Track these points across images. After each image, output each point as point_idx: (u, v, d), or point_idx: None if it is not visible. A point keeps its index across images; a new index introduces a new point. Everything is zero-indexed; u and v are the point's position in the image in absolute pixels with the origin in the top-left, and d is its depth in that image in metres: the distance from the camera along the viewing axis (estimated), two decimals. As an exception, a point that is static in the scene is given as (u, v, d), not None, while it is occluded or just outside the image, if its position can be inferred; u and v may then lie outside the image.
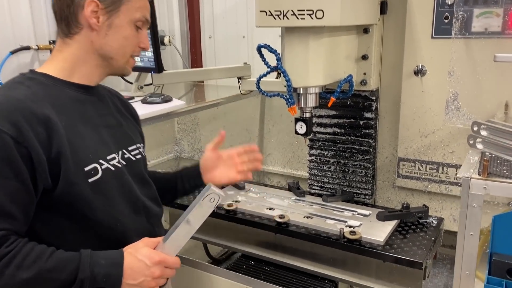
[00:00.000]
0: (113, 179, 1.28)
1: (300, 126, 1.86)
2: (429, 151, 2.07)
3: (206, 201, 1.18)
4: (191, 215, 1.19)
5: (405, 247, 1.66)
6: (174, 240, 1.21)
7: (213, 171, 1.67)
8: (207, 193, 1.17)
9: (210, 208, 1.20)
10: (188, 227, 1.20)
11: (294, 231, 1.80)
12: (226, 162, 1.68)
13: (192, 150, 3.36)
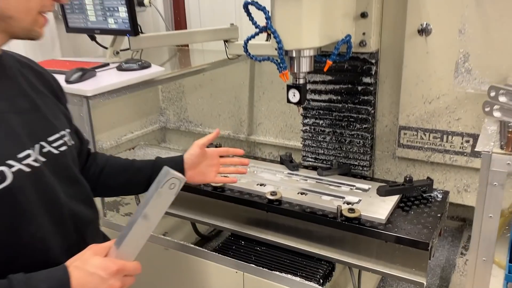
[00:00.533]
0: (29, 184, 0.98)
1: (293, 94, 1.68)
2: (433, 119, 1.90)
3: (165, 189, 0.96)
4: (149, 208, 0.97)
5: (409, 225, 1.51)
6: (130, 241, 0.98)
7: (196, 169, 1.48)
8: (166, 179, 0.96)
9: (170, 196, 0.99)
10: (146, 223, 0.98)
11: (287, 209, 1.65)
12: (207, 161, 1.50)
13: (178, 120, 3.17)
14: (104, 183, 1.37)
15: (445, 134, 1.91)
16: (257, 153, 2.90)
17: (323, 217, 1.58)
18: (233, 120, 2.94)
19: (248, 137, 2.88)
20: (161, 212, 1.01)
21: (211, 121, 3.03)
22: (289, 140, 2.75)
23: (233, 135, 2.93)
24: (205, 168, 1.49)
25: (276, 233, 1.73)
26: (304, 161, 2.24)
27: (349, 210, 1.55)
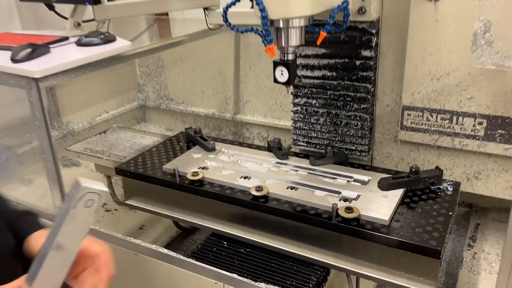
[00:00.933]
0: None
1: (280, 72, 1.42)
2: (442, 98, 1.66)
3: (80, 209, 0.74)
4: (62, 236, 0.75)
5: (416, 226, 1.29)
6: (45, 278, 0.77)
7: None
8: (79, 196, 0.73)
9: (89, 216, 0.76)
10: (62, 253, 0.77)
11: (275, 207, 1.42)
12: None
13: (158, 97, 2.91)
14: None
15: (455, 115, 1.67)
16: (245, 133, 2.66)
17: (316, 218, 1.36)
18: (218, 98, 2.68)
19: (235, 116, 2.63)
20: (80, 237, 0.77)
21: (194, 99, 2.77)
22: (279, 119, 2.51)
23: (218, 114, 2.67)
24: None
25: (263, 232, 1.51)
26: (295, 145, 2.01)
27: (346, 210, 1.32)
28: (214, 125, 2.75)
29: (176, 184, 1.59)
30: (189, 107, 2.80)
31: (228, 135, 2.72)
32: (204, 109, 2.75)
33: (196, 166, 1.67)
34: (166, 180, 1.62)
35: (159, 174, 1.65)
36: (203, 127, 2.80)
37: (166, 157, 1.78)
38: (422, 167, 1.83)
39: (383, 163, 1.92)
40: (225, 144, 1.87)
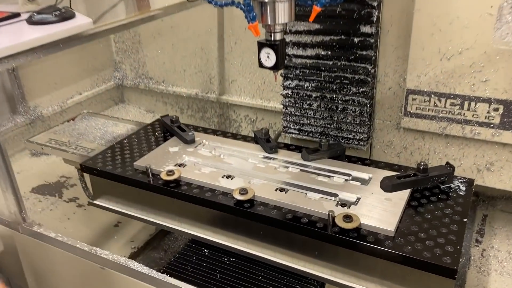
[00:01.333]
0: None
1: (266, 55, 1.20)
2: (452, 80, 1.46)
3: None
4: None
5: (426, 238, 1.10)
6: None
7: None
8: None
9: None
10: None
11: (261, 214, 1.22)
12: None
13: (136, 76, 2.67)
14: None
15: (467, 100, 1.47)
16: (231, 115, 2.44)
17: (309, 227, 1.16)
18: (201, 77, 2.44)
19: (220, 97, 2.40)
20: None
21: (174, 78, 2.53)
22: (269, 101, 2.29)
23: (202, 94, 2.44)
24: None
25: (250, 239, 1.32)
26: (285, 133, 1.80)
27: (345, 218, 1.13)
28: (198, 107, 2.53)
29: (149, 185, 1.39)
30: (170, 87, 2.56)
31: (213, 117, 2.50)
32: (187, 89, 2.51)
33: (172, 162, 1.46)
34: (137, 180, 1.41)
35: (129, 173, 1.44)
36: (186, 109, 2.57)
37: (139, 151, 1.57)
38: (428, 158, 1.64)
39: (383, 152, 1.72)
40: (206, 134, 1.65)
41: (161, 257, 1.69)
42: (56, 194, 2.04)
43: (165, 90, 2.57)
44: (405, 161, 1.69)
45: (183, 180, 1.38)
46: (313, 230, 1.16)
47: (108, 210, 1.55)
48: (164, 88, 2.58)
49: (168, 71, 2.55)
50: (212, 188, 1.34)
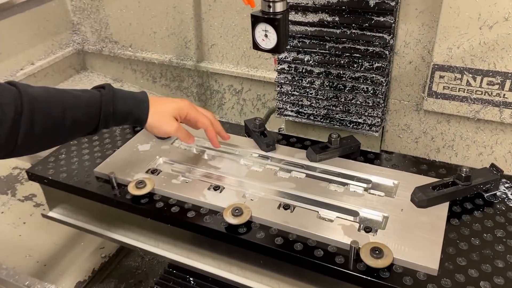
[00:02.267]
0: None
1: (263, 33, 0.87)
2: (493, 54, 1.17)
3: None
4: None
5: (479, 277, 0.85)
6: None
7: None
8: None
9: None
10: None
11: (262, 245, 0.94)
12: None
13: (99, 40, 2.28)
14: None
15: (509, 79, 1.19)
16: (212, 86, 2.10)
17: (325, 264, 0.89)
18: (175, 40, 2.08)
19: (198, 64, 2.05)
20: None
21: (143, 42, 2.16)
22: (256, 69, 1.96)
23: (177, 61, 2.09)
24: None
25: (246, 264, 1.05)
26: (280, 115, 1.49)
27: (373, 252, 0.86)
28: (173, 75, 2.18)
29: (113, 200, 1.08)
30: (138, 52, 2.19)
31: (192, 87, 2.16)
32: (159, 55, 2.15)
33: (142, 167, 1.15)
34: (99, 194, 1.10)
35: (88, 183, 1.13)
36: (159, 78, 2.22)
37: (101, 151, 1.25)
38: (452, 144, 1.37)
39: (398, 137, 1.44)
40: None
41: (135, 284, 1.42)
42: (9, 191, 1.71)
43: (134, 56, 2.20)
44: (424, 147, 1.42)
45: (157, 193, 1.08)
46: (331, 267, 0.89)
47: (66, 225, 1.25)
48: (132, 53, 2.20)
49: (135, 34, 2.17)
50: (196, 205, 1.05)
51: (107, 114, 0.99)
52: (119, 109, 1.00)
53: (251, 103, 2.06)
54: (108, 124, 1.00)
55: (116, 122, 1.02)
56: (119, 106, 1.00)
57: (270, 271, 1.03)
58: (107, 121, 0.99)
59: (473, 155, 1.36)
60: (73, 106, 0.94)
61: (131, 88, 2.29)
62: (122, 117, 1.01)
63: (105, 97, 1.00)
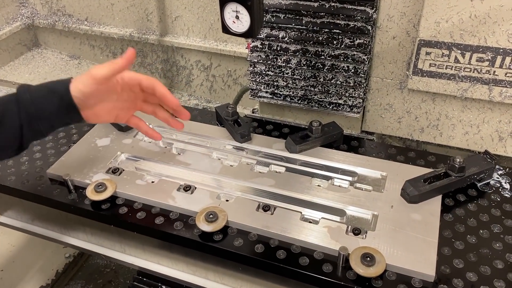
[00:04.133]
0: None
1: (234, 15, 0.75)
2: (483, 29, 1.08)
3: None
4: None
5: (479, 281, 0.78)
6: None
7: (95, 107, 0.91)
8: None
9: None
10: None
11: (240, 254, 0.84)
12: (118, 95, 0.94)
13: (50, 13, 2.07)
14: None
15: (501, 55, 1.10)
16: (178, 61, 1.95)
17: (311, 274, 0.80)
18: (135, 13, 1.90)
19: (162, 39, 1.89)
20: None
21: (100, 15, 1.97)
22: (225, 42, 1.81)
23: (138, 36, 1.91)
24: (113, 104, 0.93)
25: (224, 269, 0.95)
26: (254, 97, 1.37)
27: (364, 259, 0.78)
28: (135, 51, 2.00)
29: (70, 206, 0.96)
30: (96, 27, 2.00)
31: (156, 63, 2.00)
32: (118, 29, 1.97)
33: (102, 166, 1.02)
34: (54, 199, 0.97)
35: (41, 189, 1.00)
36: (119, 53, 2.04)
37: (54, 147, 1.11)
38: (437, 124, 1.29)
39: (380, 117, 1.35)
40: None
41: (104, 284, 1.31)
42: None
43: (91, 30, 2.01)
44: (407, 127, 1.34)
45: (120, 197, 0.96)
46: (318, 278, 0.80)
47: (19, 230, 1.12)
48: (88, 28, 2.01)
49: (91, 6, 1.97)
50: (165, 209, 0.93)
51: (29, 112, 0.82)
52: (40, 105, 0.82)
53: (221, 79, 1.92)
54: (35, 124, 0.82)
55: (43, 120, 0.83)
56: (38, 99, 0.83)
57: (250, 276, 0.94)
58: (32, 123, 0.82)
59: (458, 135, 1.29)
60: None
61: (90, 65, 2.11)
62: (48, 114, 0.83)
63: (21, 96, 0.82)
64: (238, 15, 0.76)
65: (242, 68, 1.84)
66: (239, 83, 1.89)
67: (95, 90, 0.87)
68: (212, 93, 1.97)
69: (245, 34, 0.79)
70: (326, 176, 1.00)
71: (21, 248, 1.38)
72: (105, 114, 0.91)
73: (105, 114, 0.91)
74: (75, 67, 2.09)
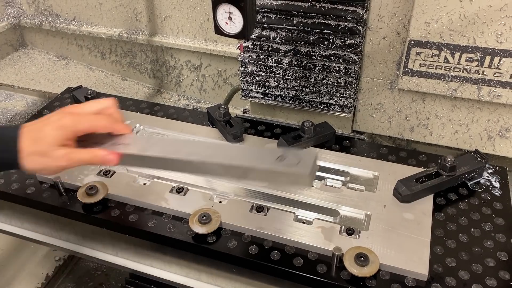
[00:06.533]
0: None
1: (227, 16, 0.75)
2: (473, 29, 1.09)
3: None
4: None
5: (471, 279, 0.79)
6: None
7: None
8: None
9: None
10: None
11: (234, 255, 0.84)
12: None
13: (37, 12, 2.05)
14: None
15: (490, 55, 1.11)
16: (168, 62, 1.94)
17: (304, 273, 0.81)
18: (123, 12, 1.88)
19: (151, 38, 1.88)
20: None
21: (88, 14, 1.95)
22: (215, 42, 1.81)
23: (127, 36, 1.90)
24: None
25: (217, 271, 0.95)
26: (245, 97, 1.37)
27: (358, 259, 0.78)
28: (124, 51, 1.99)
29: (62, 209, 0.95)
30: (84, 26, 1.98)
31: (145, 63, 1.98)
32: (106, 29, 1.95)
33: (93, 169, 1.01)
34: (44, 203, 0.96)
35: (31, 192, 0.98)
36: (108, 54, 2.03)
37: (44, 149, 1.09)
38: (427, 123, 1.30)
39: (370, 117, 1.36)
40: (141, 114, 1.19)
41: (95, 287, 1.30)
42: None
43: (78, 30, 1.99)
44: (398, 127, 1.35)
45: (113, 199, 0.95)
46: (312, 278, 0.80)
47: (7, 234, 1.10)
48: (76, 28, 1.99)
49: (78, 6, 1.95)
50: (158, 211, 0.93)
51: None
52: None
53: (212, 79, 1.92)
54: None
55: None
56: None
57: (244, 277, 0.94)
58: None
59: (448, 134, 1.30)
60: None
61: (78, 66, 2.08)
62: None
63: None
64: (231, 16, 0.76)
65: (232, 68, 1.84)
66: (230, 83, 1.88)
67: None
68: (202, 93, 1.96)
69: (237, 35, 0.79)
70: (319, 176, 1.00)
71: (10, 252, 1.36)
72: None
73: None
74: (63, 68, 2.07)
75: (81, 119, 0.78)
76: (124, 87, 1.99)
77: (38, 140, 0.75)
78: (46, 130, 0.75)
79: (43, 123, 0.77)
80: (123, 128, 0.80)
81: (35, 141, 0.75)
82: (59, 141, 0.75)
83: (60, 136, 0.75)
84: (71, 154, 0.76)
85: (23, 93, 1.43)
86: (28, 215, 1.09)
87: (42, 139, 0.75)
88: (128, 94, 1.93)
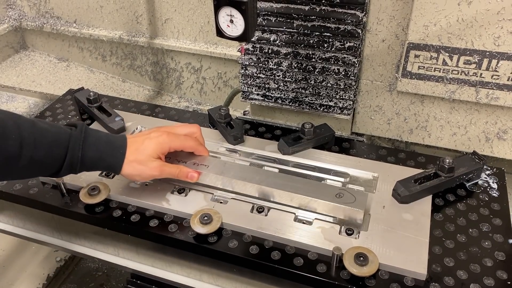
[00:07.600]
0: None
1: (228, 19, 0.76)
2: (471, 32, 1.10)
3: None
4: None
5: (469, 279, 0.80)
6: None
7: None
8: None
9: None
10: None
11: (235, 255, 0.85)
12: None
13: (38, 15, 2.06)
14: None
15: (487, 57, 1.13)
16: (168, 64, 1.95)
17: (305, 274, 0.82)
18: (124, 15, 1.90)
19: (151, 41, 1.89)
20: None
21: (89, 17, 1.96)
22: (216, 45, 1.82)
23: (128, 38, 1.91)
24: None
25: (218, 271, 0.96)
26: (245, 99, 1.38)
27: (358, 259, 0.79)
28: (125, 53, 2.00)
29: (64, 210, 0.95)
30: (85, 29, 1.99)
31: (146, 65, 2.00)
32: (107, 31, 1.96)
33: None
34: (46, 203, 0.97)
35: (33, 192, 0.99)
36: (108, 56, 2.04)
37: (46, 150, 1.10)
38: (426, 125, 1.32)
39: (369, 118, 1.37)
40: (142, 116, 1.20)
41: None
42: None
43: (79, 33, 2.00)
44: (397, 129, 1.36)
45: (114, 200, 0.96)
46: (312, 278, 0.81)
47: (9, 234, 1.11)
48: (77, 30, 2.00)
49: (79, 9, 1.96)
50: (159, 212, 0.94)
51: (74, 159, 0.85)
52: (88, 155, 0.86)
53: (212, 81, 1.93)
54: (75, 169, 0.86)
55: (84, 167, 0.87)
56: (89, 151, 0.86)
57: (245, 277, 0.95)
58: (73, 166, 0.85)
59: (446, 136, 1.31)
60: (33, 143, 0.80)
61: (79, 68, 2.10)
62: (91, 164, 0.87)
63: (74, 139, 0.85)
64: (233, 19, 0.77)
65: (232, 70, 1.85)
66: (230, 85, 1.90)
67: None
68: (202, 95, 1.98)
69: (239, 38, 0.80)
70: (319, 178, 1.01)
71: (11, 252, 1.37)
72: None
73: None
74: (64, 70, 2.08)
75: (175, 139, 0.94)
76: (125, 89, 2.00)
77: (139, 150, 0.89)
78: (146, 143, 0.90)
79: (144, 137, 0.92)
80: (203, 151, 0.98)
81: (137, 151, 0.89)
82: (156, 154, 0.90)
83: (157, 150, 0.90)
84: (163, 166, 0.91)
85: (25, 94, 1.44)
86: (30, 216, 1.10)
87: (143, 150, 0.89)
88: (128, 96, 1.94)
